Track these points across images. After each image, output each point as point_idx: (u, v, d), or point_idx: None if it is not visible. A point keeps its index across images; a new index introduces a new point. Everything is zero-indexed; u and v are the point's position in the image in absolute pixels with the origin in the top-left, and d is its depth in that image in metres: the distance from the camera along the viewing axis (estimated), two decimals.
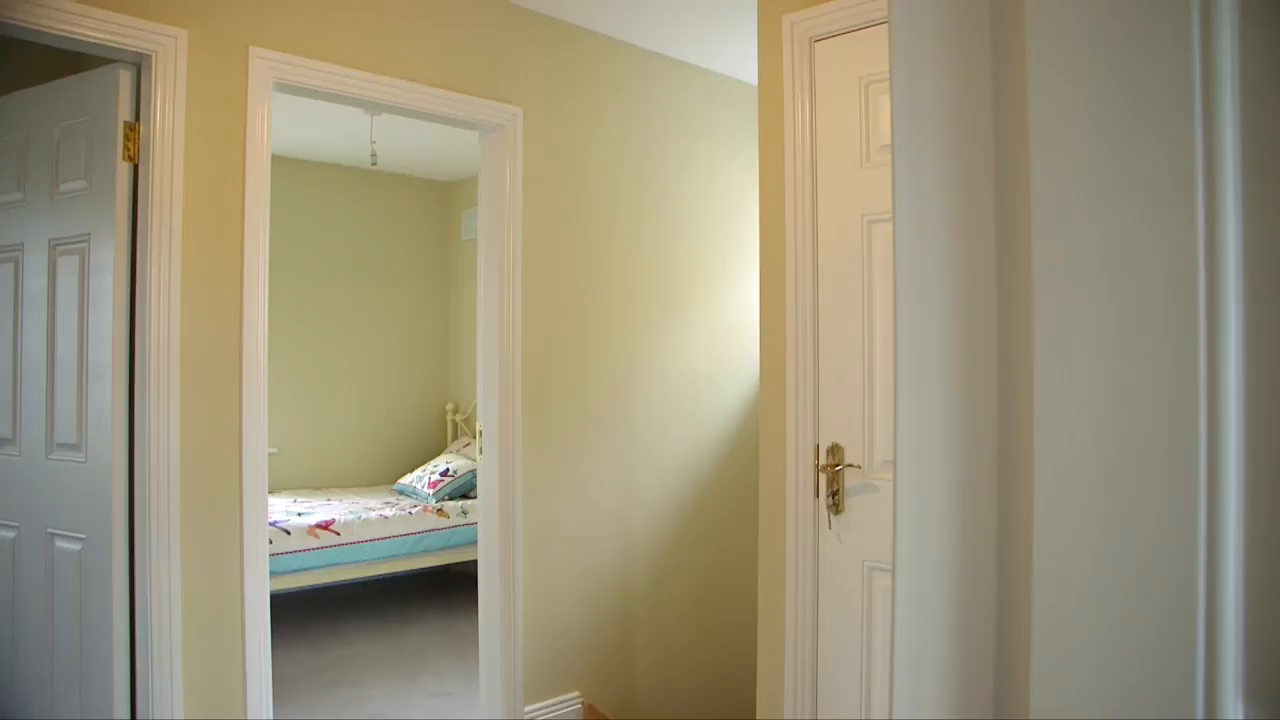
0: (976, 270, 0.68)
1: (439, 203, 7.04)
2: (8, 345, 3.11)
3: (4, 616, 3.09)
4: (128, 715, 2.76)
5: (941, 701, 0.68)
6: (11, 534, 3.06)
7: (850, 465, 2.50)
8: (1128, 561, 0.62)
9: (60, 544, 2.91)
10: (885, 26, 2.18)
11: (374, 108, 3.38)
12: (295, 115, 5.08)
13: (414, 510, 5.37)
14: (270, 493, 2.95)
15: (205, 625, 2.81)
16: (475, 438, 6.37)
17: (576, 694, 3.75)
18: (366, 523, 5.10)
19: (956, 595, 0.69)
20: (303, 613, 5.39)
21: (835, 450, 2.53)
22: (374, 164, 5.59)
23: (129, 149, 2.76)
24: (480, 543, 3.61)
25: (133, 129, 2.76)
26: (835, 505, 2.52)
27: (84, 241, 2.86)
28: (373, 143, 5.29)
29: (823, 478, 2.55)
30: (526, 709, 3.55)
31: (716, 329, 4.37)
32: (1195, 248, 0.59)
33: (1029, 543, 0.65)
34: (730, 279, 4.43)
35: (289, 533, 4.76)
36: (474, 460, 5.84)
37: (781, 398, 2.67)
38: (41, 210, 3.00)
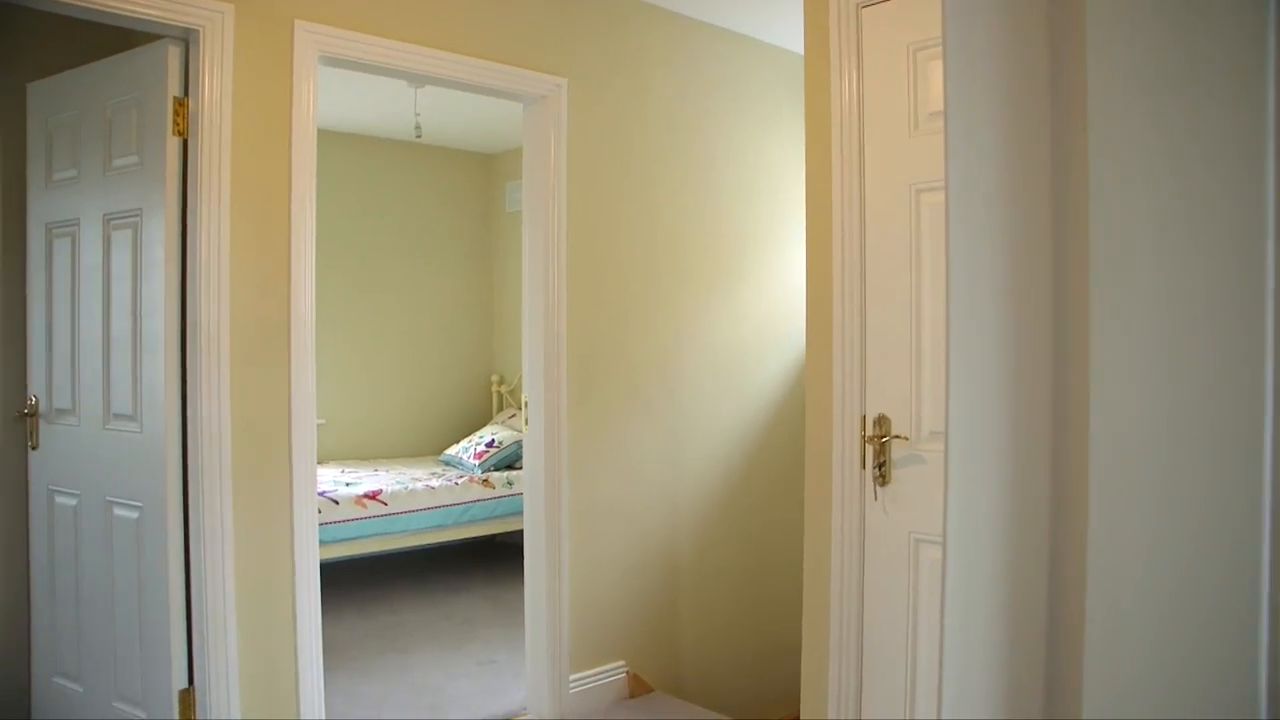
0: (1031, 238, 0.67)
1: (482, 175, 7.05)
2: (66, 318, 3.17)
3: (68, 581, 3.18)
4: (185, 678, 2.83)
5: (991, 677, 0.67)
6: (74, 501, 3.14)
7: (897, 437, 2.48)
8: (1186, 537, 0.61)
9: (118, 511, 2.98)
10: None
11: (418, 80, 3.38)
12: (340, 89, 5.10)
13: (460, 481, 5.43)
14: (318, 463, 3.00)
15: (258, 592, 2.87)
16: (520, 409, 6.41)
17: (622, 663, 3.78)
18: (413, 493, 5.17)
19: (1007, 570, 0.68)
20: (351, 581, 5.48)
21: (882, 421, 2.51)
22: (418, 136, 5.61)
23: (178, 124, 2.79)
24: (526, 513, 3.64)
25: (182, 104, 2.79)
26: (882, 477, 2.50)
27: (136, 216, 2.91)
28: (417, 115, 5.30)
29: (869, 449, 2.53)
30: (572, 677, 3.59)
31: (763, 301, 4.34)
32: (1264, 213, 0.57)
33: (1083, 516, 0.64)
34: (777, 251, 4.39)
35: (337, 502, 4.83)
36: (519, 431, 5.88)
37: (828, 369, 2.65)
38: (95, 186, 3.05)
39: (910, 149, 2.45)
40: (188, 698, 2.83)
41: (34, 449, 3.28)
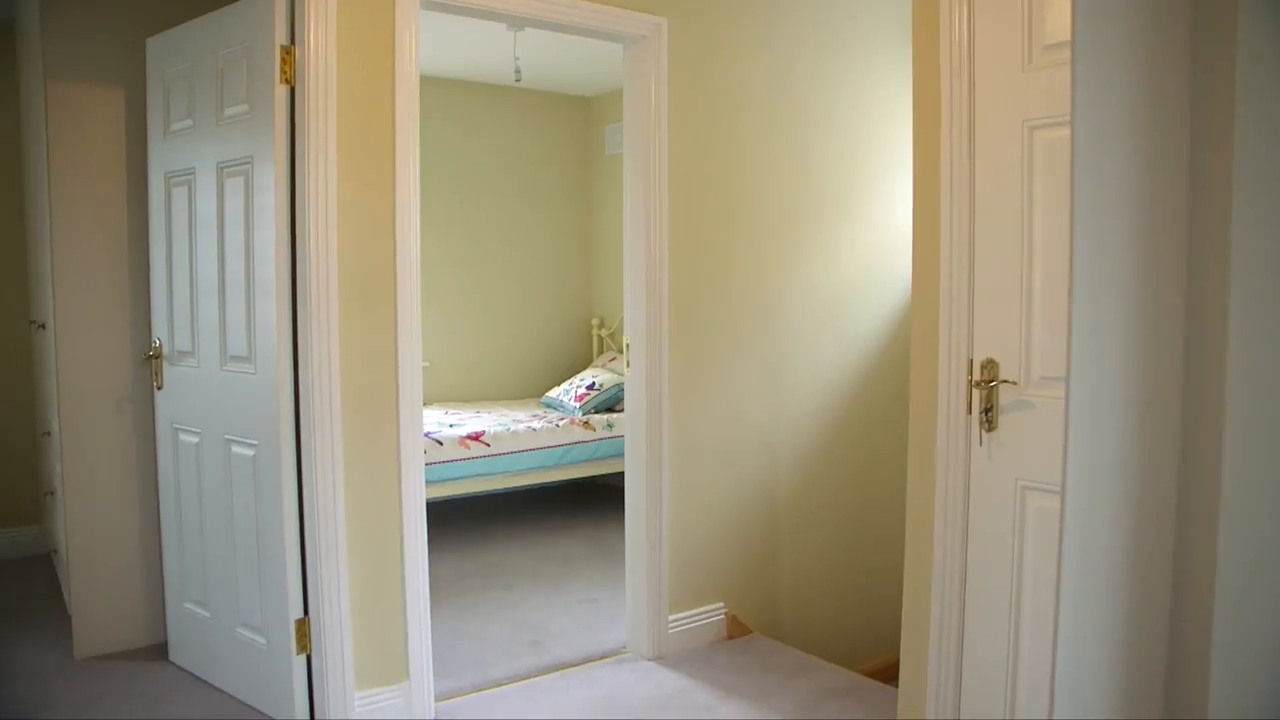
0: (1165, 172, 0.62)
1: (581, 118, 7.03)
2: (185, 264, 3.29)
3: (193, 515, 3.34)
4: (301, 608, 2.96)
5: (1109, 638, 0.65)
6: (195, 439, 3.29)
7: (1005, 381, 2.41)
8: None
9: (236, 449, 3.11)
10: None
11: (517, 22, 3.38)
12: (441, 34, 5.13)
13: (561, 423, 5.50)
14: (423, 405, 3.07)
15: (367, 528, 2.97)
16: (620, 352, 6.45)
17: (720, 605, 3.81)
18: (515, 434, 5.26)
19: (1130, 526, 0.65)
20: (454, 521, 5.63)
21: (989, 365, 2.44)
22: (518, 80, 5.61)
23: (285, 72, 2.84)
24: (627, 455, 3.67)
25: (288, 52, 2.84)
26: (988, 422, 2.44)
27: (247, 163, 2.98)
28: (516, 59, 5.29)
29: (976, 394, 2.46)
30: (671, 618, 3.63)
31: (866, 243, 4.25)
32: None
33: (1215, 468, 0.61)
34: (881, 191, 4.29)
35: (441, 443, 4.95)
36: (619, 374, 5.92)
37: (934, 312, 2.58)
38: (209, 135, 3.14)
39: (1024, 84, 2.34)
40: (303, 627, 2.96)
41: (159, 389, 3.44)
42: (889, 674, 3.55)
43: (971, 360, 2.49)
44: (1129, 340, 0.60)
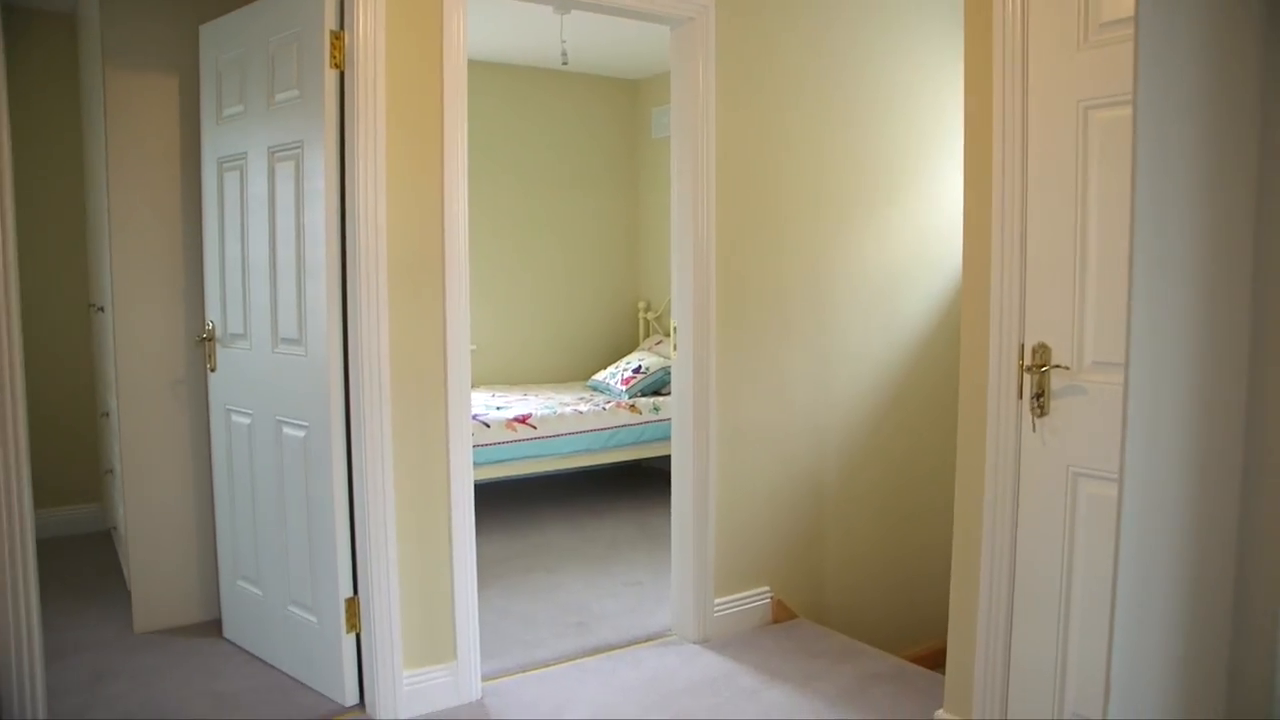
0: (1231, 155, 0.60)
1: (628, 101, 7.01)
2: (237, 248, 3.34)
3: (245, 494, 3.40)
4: (351, 586, 3.00)
5: (1167, 635, 0.63)
6: (248, 420, 3.34)
7: (1057, 366, 2.37)
8: None
9: (287, 430, 3.16)
10: None
11: (564, 5, 3.36)
12: (488, 18, 5.14)
13: (607, 406, 5.52)
14: (470, 387, 3.09)
15: (416, 509, 3.00)
16: (666, 335, 6.44)
17: (766, 589, 3.80)
18: (562, 417, 5.28)
19: (1191, 518, 0.63)
20: (500, 502, 5.67)
21: (1041, 350, 2.40)
22: (564, 64, 5.61)
23: (335, 56, 2.86)
24: (674, 437, 3.67)
25: (338, 37, 2.86)
26: (1039, 408, 2.40)
27: (298, 148, 3.01)
28: (563, 42, 5.29)
29: (1027, 378, 2.43)
30: (716, 601, 3.64)
31: (917, 226, 4.20)
32: None
33: None
34: (928, 174, 4.23)
35: (488, 425, 4.99)
36: (665, 357, 5.91)
37: (985, 295, 2.55)
38: (260, 120, 3.18)
39: (1079, 63, 2.29)
40: (353, 606, 3.00)
41: (212, 371, 3.50)
42: (935, 660, 3.52)
43: (1023, 344, 2.45)
44: (1191, 327, 0.58)
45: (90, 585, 4.16)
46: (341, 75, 2.88)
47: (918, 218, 4.21)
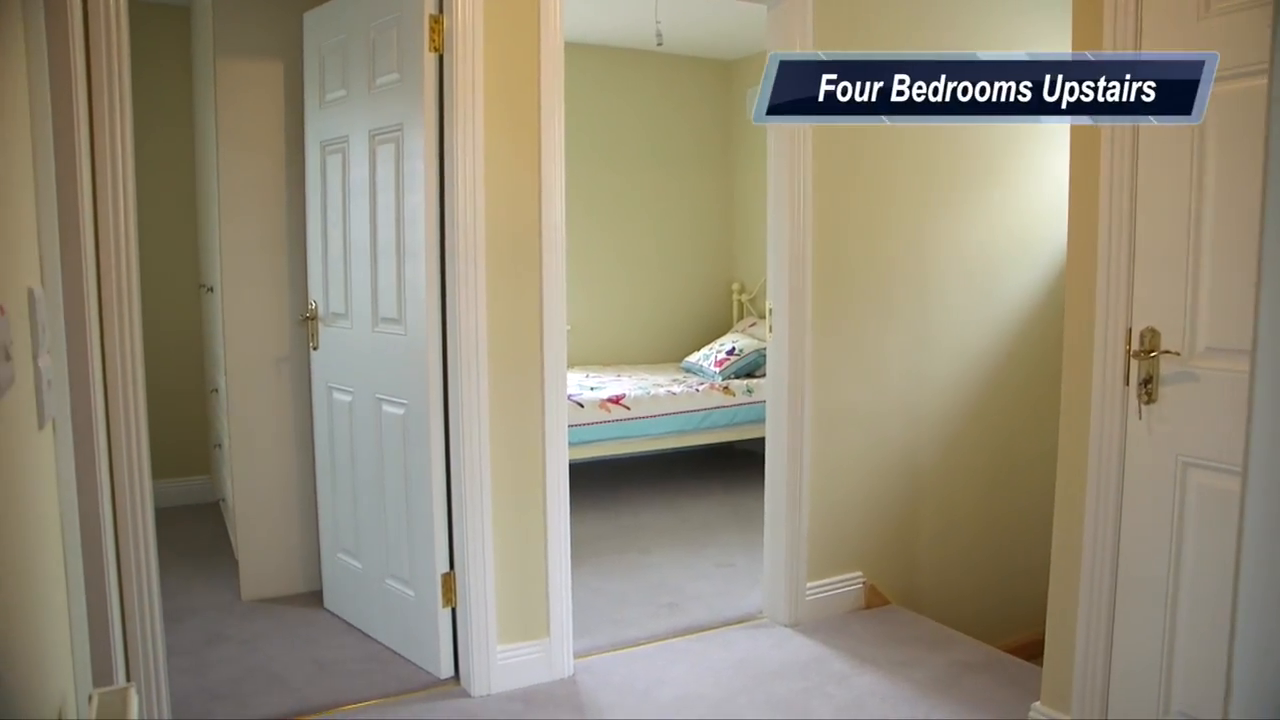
0: None
1: (723, 82, 6.96)
2: (339, 229, 3.43)
3: (346, 470, 3.50)
4: (447, 562, 3.07)
5: None
6: (349, 398, 3.43)
7: (1166, 352, 2.28)
8: None
9: (387, 408, 3.23)
10: None
11: None
12: (584, 0, 5.15)
13: (700, 387, 5.51)
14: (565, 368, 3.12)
15: (511, 487, 3.04)
16: (761, 317, 6.40)
17: (859, 574, 3.76)
18: (655, 398, 5.29)
19: None
20: (593, 483, 5.72)
21: (1150, 334, 2.31)
22: (659, 44, 5.58)
23: (434, 40, 2.90)
24: (768, 420, 3.65)
25: (437, 21, 2.90)
26: (1148, 394, 2.31)
27: (398, 130, 3.07)
28: (658, 22, 5.27)
29: (1134, 364, 2.34)
30: (809, 585, 3.61)
31: (1019, 207, 4.08)
32: None
33: None
34: (1031, 153, 4.09)
35: (582, 406, 5.03)
36: (759, 340, 5.87)
37: (1090, 278, 2.46)
38: (361, 104, 3.25)
39: (1199, 34, 2.18)
40: (449, 580, 3.07)
41: (315, 349, 3.60)
42: (1031, 651, 3.43)
43: (1130, 329, 2.36)
44: None
45: (202, 554, 4.34)
46: (441, 58, 2.91)
47: (1019, 197, 4.09)
